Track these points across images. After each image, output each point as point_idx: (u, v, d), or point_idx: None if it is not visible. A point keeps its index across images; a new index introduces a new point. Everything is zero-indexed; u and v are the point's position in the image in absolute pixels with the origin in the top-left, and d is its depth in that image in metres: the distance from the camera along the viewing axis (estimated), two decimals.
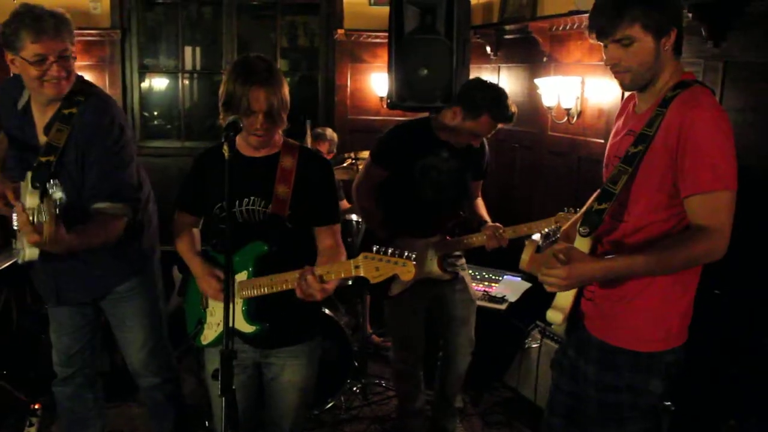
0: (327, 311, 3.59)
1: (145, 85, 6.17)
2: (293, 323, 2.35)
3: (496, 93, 3.04)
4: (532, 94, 4.62)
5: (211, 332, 2.38)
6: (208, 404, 2.61)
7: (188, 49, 6.40)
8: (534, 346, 3.79)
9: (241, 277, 2.26)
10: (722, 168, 1.83)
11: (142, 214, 2.72)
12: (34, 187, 2.25)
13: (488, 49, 5.06)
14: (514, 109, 3.02)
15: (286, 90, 2.23)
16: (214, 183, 2.31)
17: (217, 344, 2.32)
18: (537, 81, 4.31)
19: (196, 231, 2.53)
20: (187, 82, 6.32)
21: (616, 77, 2.01)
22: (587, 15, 2.01)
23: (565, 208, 3.00)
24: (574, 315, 2.11)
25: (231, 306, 1.92)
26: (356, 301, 4.40)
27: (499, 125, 3.05)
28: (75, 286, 2.69)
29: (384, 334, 4.59)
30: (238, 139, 2.24)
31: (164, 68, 6.30)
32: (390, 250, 2.02)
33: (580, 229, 1.98)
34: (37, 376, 3.86)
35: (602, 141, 3.94)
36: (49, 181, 2.11)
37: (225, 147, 1.91)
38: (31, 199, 2.23)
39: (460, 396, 3.66)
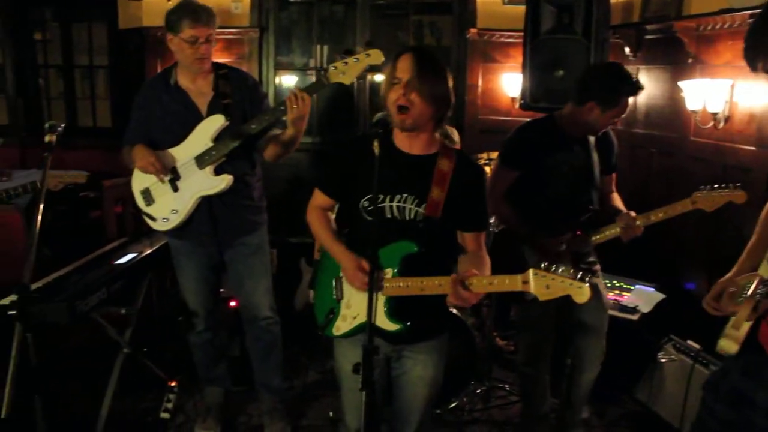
0: (454, 311, 3.58)
1: (278, 81, 6.37)
2: (428, 320, 2.35)
3: (621, 72, 2.97)
4: (674, 97, 4.41)
5: (345, 324, 2.38)
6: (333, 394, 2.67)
7: (317, 47, 6.55)
8: (667, 360, 3.63)
9: (386, 274, 2.25)
10: None
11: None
12: (226, 120, 3.05)
13: (627, 49, 4.88)
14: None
15: (448, 86, 2.21)
16: (363, 174, 2.27)
17: (351, 336, 2.37)
18: (681, 84, 4.10)
19: (331, 215, 2.55)
20: (315, 78, 6.47)
21: None
22: (740, 14, 1.88)
23: (701, 187, 2.86)
24: (750, 338, 1.97)
25: (374, 301, 1.94)
26: (481, 302, 4.35)
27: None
28: (227, 226, 3.25)
29: (507, 337, 4.53)
30: (396, 134, 2.26)
31: (297, 65, 6.48)
32: (561, 269, 1.97)
33: None
34: (173, 356, 4.11)
35: (753, 148, 3.70)
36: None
37: (376, 144, 1.93)
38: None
39: (586, 407, 3.55)
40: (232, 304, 3.98)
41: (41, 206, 2.21)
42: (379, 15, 6.30)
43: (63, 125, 2.34)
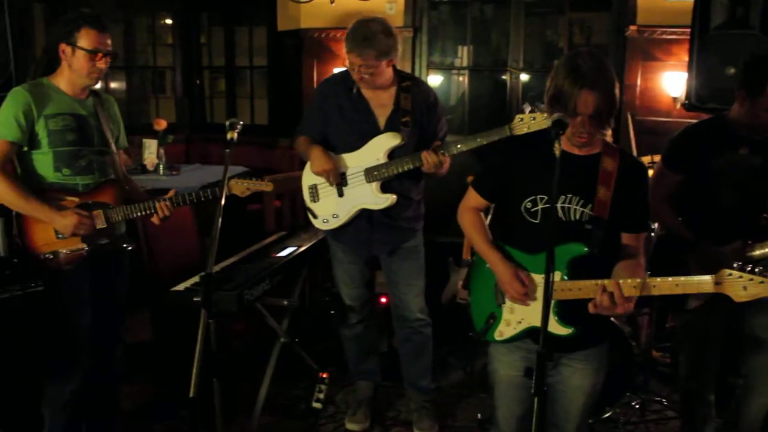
0: (612, 318, 3.44)
1: (429, 80, 6.41)
2: (596, 324, 2.27)
3: None
4: None
5: (508, 329, 2.34)
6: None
7: (466, 46, 6.55)
8: None
9: (555, 277, 2.15)
10: None
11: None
12: (402, 140, 3.12)
13: None
14: None
15: (616, 90, 2.13)
16: (524, 174, 2.26)
17: (514, 341, 2.33)
18: None
19: (483, 217, 2.51)
20: (462, 78, 6.48)
21: None
22: None
23: None
24: None
25: (549, 306, 1.90)
26: (636, 310, 4.17)
27: None
28: (384, 237, 3.32)
29: (663, 348, 4.31)
30: None
31: (448, 65, 6.50)
32: (758, 269, 1.89)
33: None
34: (325, 348, 4.23)
35: None
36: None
37: (557, 146, 1.90)
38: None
39: None
40: (383, 300, 4.04)
41: (222, 201, 2.33)
42: (528, 13, 6.20)
43: (241, 123, 2.46)
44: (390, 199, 3.18)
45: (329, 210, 3.29)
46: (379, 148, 3.16)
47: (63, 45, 2.74)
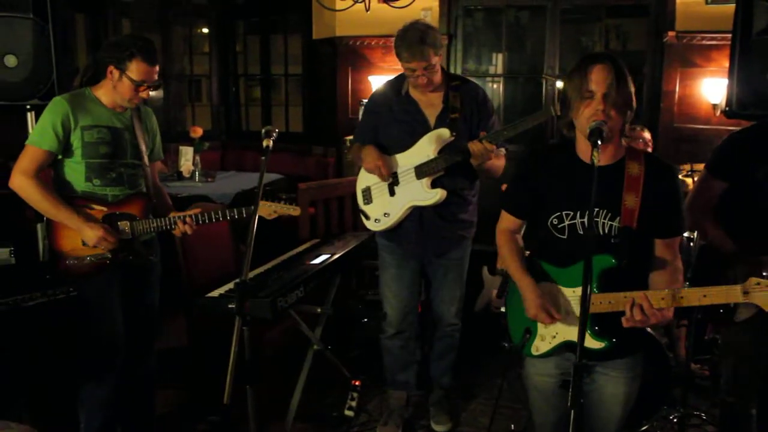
0: (648, 329, 3.38)
1: None
2: (631, 336, 2.21)
3: None
4: None
5: (544, 344, 2.31)
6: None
7: (501, 53, 6.53)
8: None
9: None
10: None
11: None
12: (451, 135, 3.14)
13: None
14: None
15: (631, 88, 2.08)
16: (549, 189, 2.22)
17: (550, 355, 2.30)
18: None
19: (519, 237, 2.46)
20: (497, 85, 6.45)
21: None
22: None
23: None
24: None
25: (578, 319, 1.86)
26: (675, 321, 4.09)
27: None
28: (435, 236, 3.34)
29: (702, 361, 4.22)
30: (581, 146, 2.16)
31: (483, 72, 6.48)
32: None
33: None
34: (357, 356, 4.23)
35: None
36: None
37: (595, 154, 1.86)
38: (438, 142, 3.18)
39: None
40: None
41: (257, 212, 2.35)
42: (563, 20, 6.15)
43: (277, 130, 2.48)
44: (439, 193, 3.20)
45: (381, 209, 3.34)
46: (429, 145, 3.18)
47: (112, 67, 2.80)
